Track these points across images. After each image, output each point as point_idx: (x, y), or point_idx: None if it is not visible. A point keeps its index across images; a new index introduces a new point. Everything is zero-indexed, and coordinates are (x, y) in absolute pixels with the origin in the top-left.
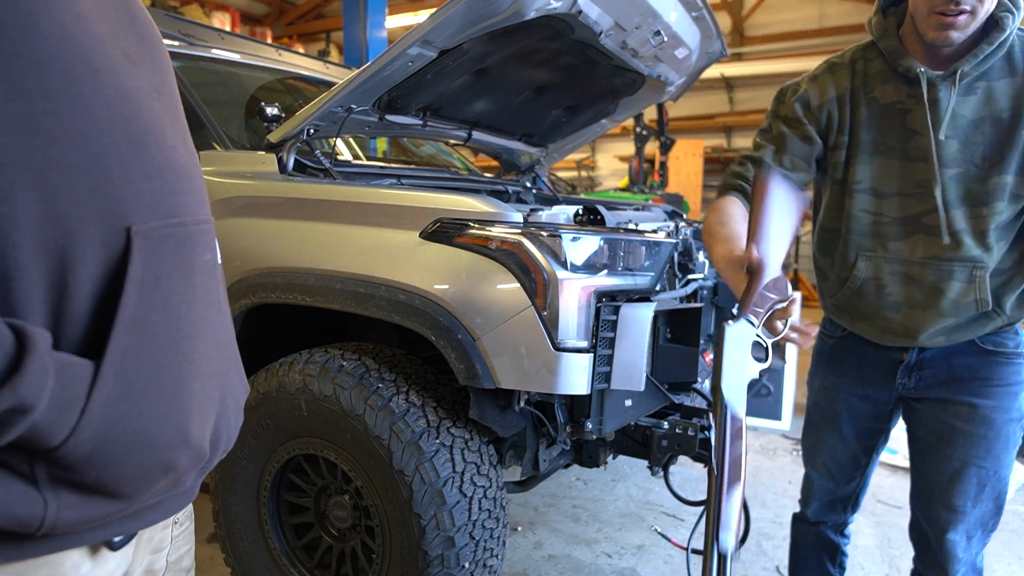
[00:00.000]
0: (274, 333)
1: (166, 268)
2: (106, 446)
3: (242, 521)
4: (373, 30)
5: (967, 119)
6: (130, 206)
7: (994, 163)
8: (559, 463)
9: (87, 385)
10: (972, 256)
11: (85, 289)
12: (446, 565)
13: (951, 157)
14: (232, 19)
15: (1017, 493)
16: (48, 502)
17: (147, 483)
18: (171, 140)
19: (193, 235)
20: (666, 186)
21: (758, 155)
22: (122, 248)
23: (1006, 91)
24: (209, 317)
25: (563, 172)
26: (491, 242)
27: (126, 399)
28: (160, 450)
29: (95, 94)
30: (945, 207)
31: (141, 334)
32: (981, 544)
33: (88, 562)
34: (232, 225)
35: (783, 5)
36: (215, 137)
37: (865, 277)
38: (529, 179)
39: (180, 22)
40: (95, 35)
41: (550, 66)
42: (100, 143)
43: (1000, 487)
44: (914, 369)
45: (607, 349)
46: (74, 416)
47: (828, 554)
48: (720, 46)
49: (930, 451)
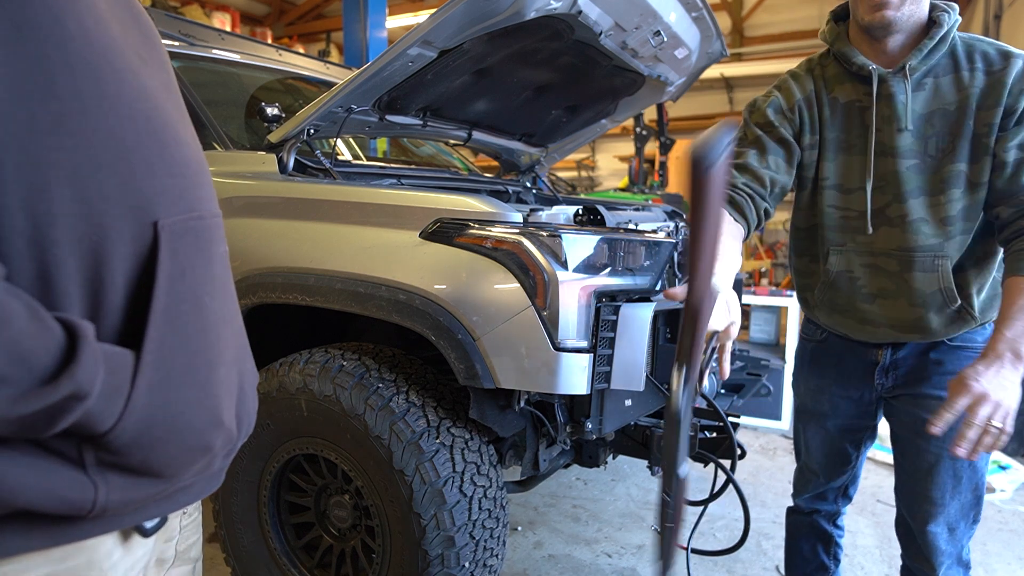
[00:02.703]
0: (274, 333)
1: (190, 260)
2: (150, 430)
3: (242, 521)
4: (373, 30)
5: (918, 113)
6: (155, 201)
7: (947, 152)
8: (559, 463)
9: (130, 373)
10: (931, 245)
11: (119, 282)
12: (446, 565)
13: (907, 149)
14: (232, 19)
15: (1017, 493)
16: (98, 485)
17: (188, 463)
18: (184, 136)
19: (210, 228)
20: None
21: (742, 161)
22: (150, 242)
23: (951, 86)
24: (227, 306)
25: (563, 172)
26: (491, 242)
27: (166, 385)
28: (199, 432)
29: (118, 93)
30: (904, 197)
31: (174, 323)
32: (966, 536)
33: (119, 549)
34: (232, 225)
35: (783, 5)
36: (215, 137)
37: (838, 271)
38: (529, 179)
39: (180, 22)
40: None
41: (550, 66)
42: (126, 140)
43: (977, 478)
44: (889, 369)
45: (607, 349)
46: (121, 402)
47: (822, 543)
48: (720, 46)
49: (908, 446)
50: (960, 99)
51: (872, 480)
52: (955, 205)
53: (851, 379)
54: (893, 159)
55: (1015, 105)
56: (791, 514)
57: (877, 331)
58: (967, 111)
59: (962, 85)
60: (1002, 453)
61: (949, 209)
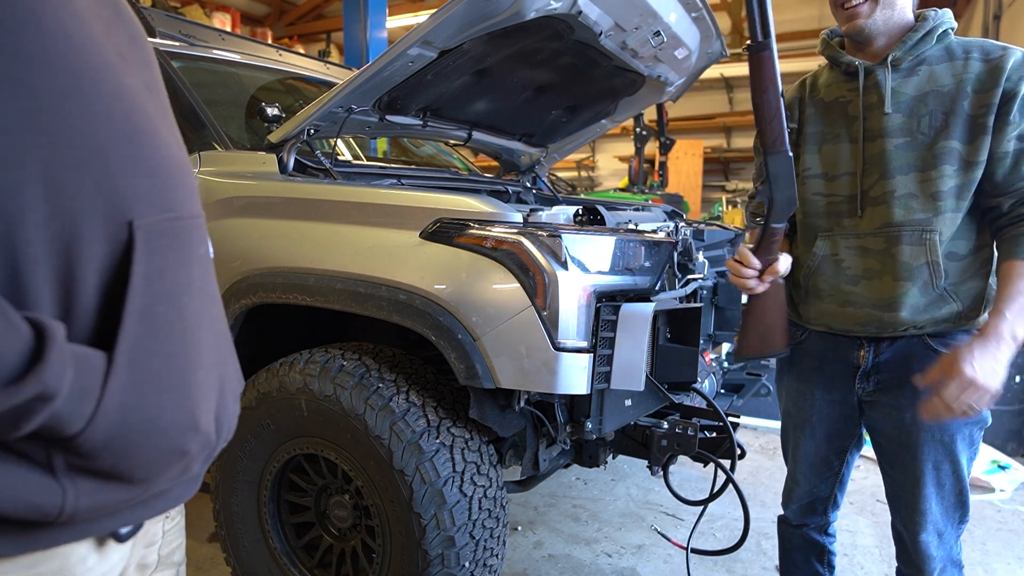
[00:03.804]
0: (274, 333)
1: (168, 261)
2: (122, 433)
3: (243, 521)
4: (373, 30)
5: (910, 95)
6: (131, 201)
7: (940, 130)
8: (559, 463)
9: (102, 375)
10: (919, 219)
11: (92, 282)
12: (446, 564)
13: (896, 128)
14: (232, 19)
15: (1017, 493)
16: (66, 490)
17: (162, 469)
18: (164, 136)
19: (189, 229)
20: (666, 186)
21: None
22: (125, 242)
23: (947, 71)
24: (207, 308)
25: (563, 172)
26: (491, 242)
27: (139, 387)
28: (174, 436)
29: (95, 91)
30: (891, 174)
31: (149, 325)
32: (954, 537)
33: (94, 555)
34: (232, 225)
35: (783, 5)
36: (215, 137)
37: (824, 255)
38: (529, 179)
39: (180, 22)
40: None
41: (550, 66)
42: (101, 139)
43: (961, 484)
44: (871, 373)
45: (607, 349)
46: (91, 405)
47: (815, 555)
48: (720, 46)
49: (893, 458)
50: (955, 82)
51: (872, 480)
52: (947, 181)
53: (834, 382)
54: (881, 140)
55: (1015, 89)
56: (782, 525)
57: (859, 313)
58: (962, 92)
59: (957, 71)
60: (1002, 453)
61: (940, 184)
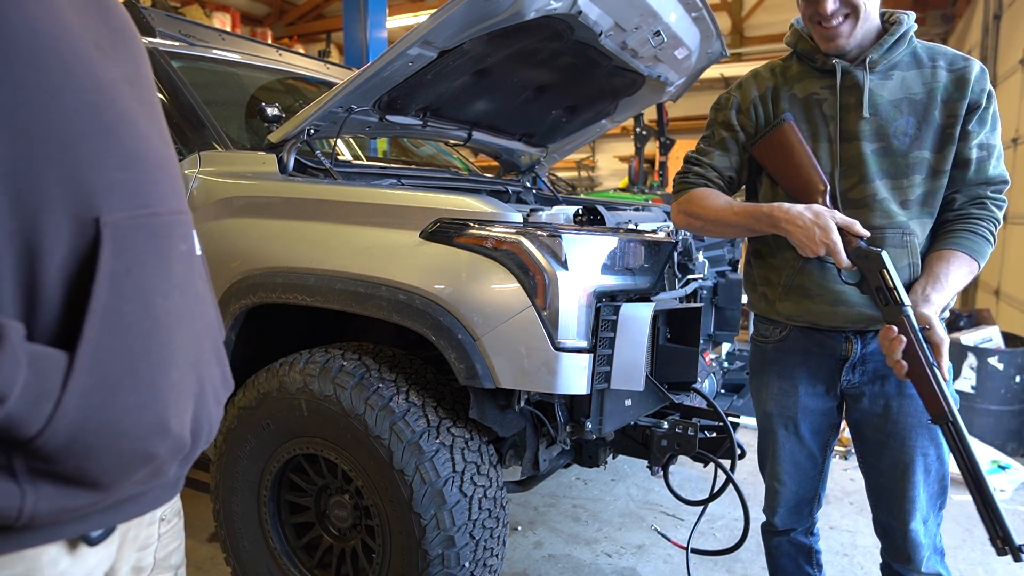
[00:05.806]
0: (274, 333)
1: (139, 258)
2: (84, 436)
3: (243, 521)
4: (373, 30)
5: (885, 99)
6: (101, 196)
7: (914, 139)
8: (559, 463)
9: (62, 376)
10: (899, 223)
11: (56, 280)
12: (446, 564)
13: (872, 132)
14: (232, 19)
15: (1017, 493)
16: (26, 493)
17: (126, 473)
18: (144, 130)
19: (168, 225)
20: (666, 186)
21: (708, 160)
22: (92, 239)
23: (917, 79)
24: (187, 307)
25: (563, 172)
26: (491, 242)
27: (102, 389)
28: (139, 440)
29: (65, 84)
30: (870, 178)
31: (115, 324)
32: (936, 524)
33: (66, 558)
34: (232, 225)
35: (783, 5)
36: (215, 137)
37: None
38: (529, 179)
39: (180, 22)
40: (65, 25)
41: (550, 66)
42: (70, 133)
43: (943, 468)
44: (857, 364)
45: (607, 349)
46: (49, 407)
47: (804, 558)
48: (720, 46)
49: (879, 446)
50: (926, 91)
51: None
52: (915, 190)
53: (819, 376)
54: (858, 143)
55: (978, 101)
56: (767, 533)
57: (851, 312)
58: (933, 102)
59: (927, 79)
60: (1002, 453)
61: (909, 193)
